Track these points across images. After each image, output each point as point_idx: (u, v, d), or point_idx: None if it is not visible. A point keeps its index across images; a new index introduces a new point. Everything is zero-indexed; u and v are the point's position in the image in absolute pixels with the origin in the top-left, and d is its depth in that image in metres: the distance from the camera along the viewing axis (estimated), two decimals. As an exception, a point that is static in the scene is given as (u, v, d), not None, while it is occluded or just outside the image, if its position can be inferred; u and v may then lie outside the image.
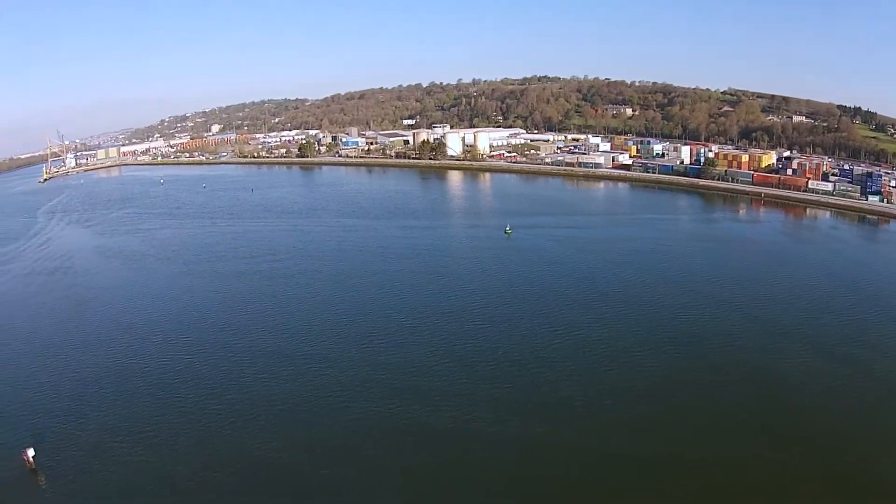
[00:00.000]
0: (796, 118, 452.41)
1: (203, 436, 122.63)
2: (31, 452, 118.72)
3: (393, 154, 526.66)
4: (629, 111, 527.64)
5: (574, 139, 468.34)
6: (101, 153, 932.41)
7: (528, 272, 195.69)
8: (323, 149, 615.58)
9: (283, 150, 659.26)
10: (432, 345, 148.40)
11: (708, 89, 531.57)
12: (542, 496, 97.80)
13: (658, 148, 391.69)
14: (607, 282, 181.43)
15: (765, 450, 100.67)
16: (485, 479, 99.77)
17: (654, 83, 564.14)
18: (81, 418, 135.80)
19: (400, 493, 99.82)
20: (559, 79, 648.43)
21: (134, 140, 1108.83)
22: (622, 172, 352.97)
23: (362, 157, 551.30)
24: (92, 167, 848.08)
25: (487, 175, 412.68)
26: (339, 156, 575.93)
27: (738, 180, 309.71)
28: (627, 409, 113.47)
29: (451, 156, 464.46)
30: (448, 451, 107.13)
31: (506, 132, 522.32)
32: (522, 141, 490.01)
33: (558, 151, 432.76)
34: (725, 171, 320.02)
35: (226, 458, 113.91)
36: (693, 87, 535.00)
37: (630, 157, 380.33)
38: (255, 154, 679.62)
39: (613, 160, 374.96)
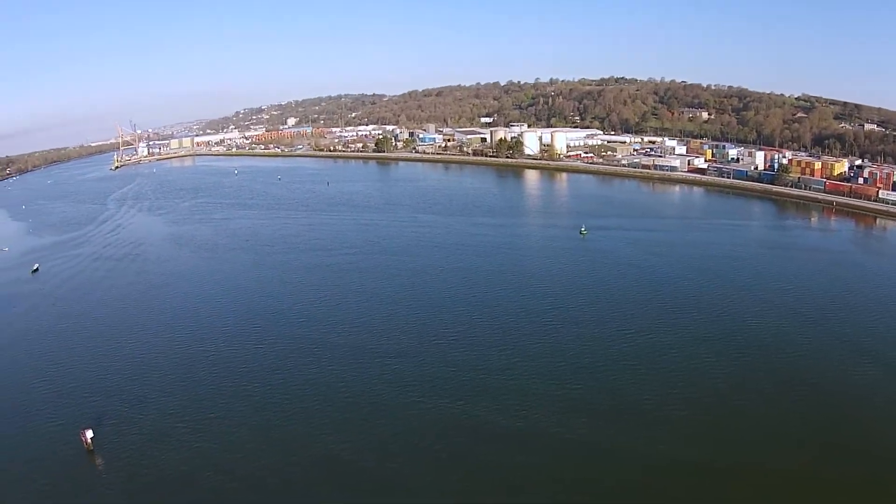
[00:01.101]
0: (868, 126, 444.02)
1: (266, 426, 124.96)
2: (89, 434, 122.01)
3: (470, 151, 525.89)
4: (705, 115, 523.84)
5: (650, 141, 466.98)
6: (174, 143, 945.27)
7: (602, 274, 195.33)
8: (400, 144, 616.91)
9: (360, 145, 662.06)
10: (504, 343, 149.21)
11: (782, 95, 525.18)
12: (603, 499, 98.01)
13: (733, 152, 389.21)
14: (679, 286, 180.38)
15: (823, 463, 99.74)
16: (547, 480, 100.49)
17: (730, 87, 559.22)
18: (143, 403, 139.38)
19: (461, 491, 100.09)
20: (636, 80, 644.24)
21: (208, 131, 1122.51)
22: (697, 176, 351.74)
23: (439, 153, 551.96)
24: (165, 156, 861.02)
25: (564, 175, 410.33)
26: (416, 152, 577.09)
27: (810, 188, 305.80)
28: (694, 414, 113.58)
29: (529, 155, 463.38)
30: (512, 450, 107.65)
31: (583, 133, 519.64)
32: (599, 142, 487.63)
33: (634, 153, 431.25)
34: (798, 178, 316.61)
35: (288, 449, 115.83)
36: (768, 91, 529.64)
37: (705, 161, 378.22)
38: (332, 148, 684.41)
39: (689, 164, 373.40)
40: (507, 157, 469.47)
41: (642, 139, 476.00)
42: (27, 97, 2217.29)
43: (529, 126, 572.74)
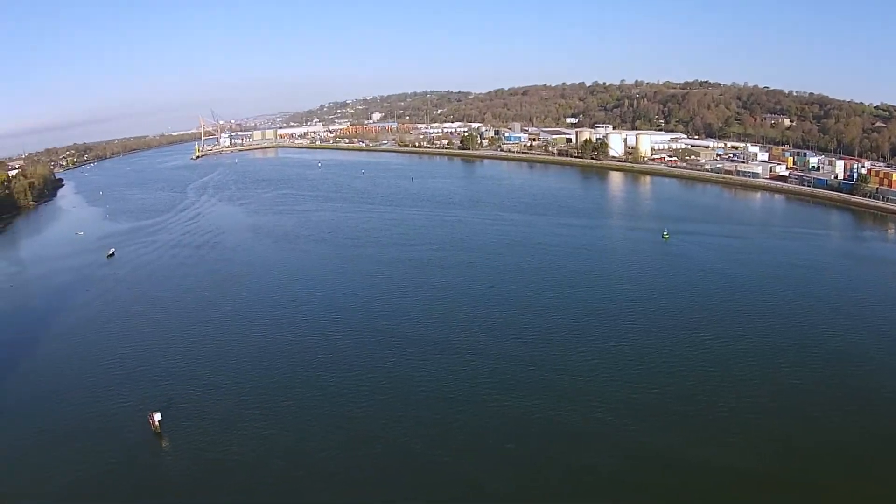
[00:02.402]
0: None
1: (339, 417, 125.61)
2: (157, 416, 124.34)
3: (555, 151, 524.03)
4: (786, 121, 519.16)
5: (733, 147, 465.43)
6: (256, 134, 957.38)
7: (682, 279, 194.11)
8: (485, 142, 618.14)
9: (445, 142, 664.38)
10: (583, 344, 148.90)
11: (861, 103, 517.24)
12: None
13: (813, 161, 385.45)
14: (757, 294, 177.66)
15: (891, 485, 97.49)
16: (616, 483, 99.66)
17: (811, 94, 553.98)
18: (214, 388, 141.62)
19: (533, 490, 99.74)
20: (720, 85, 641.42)
21: (292, 123, 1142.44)
22: (778, 184, 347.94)
23: (524, 152, 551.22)
24: (247, 147, 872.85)
25: (648, 178, 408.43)
26: (502, 150, 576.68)
27: (888, 199, 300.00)
28: (766, 424, 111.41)
29: (613, 156, 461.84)
30: (584, 452, 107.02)
31: (667, 136, 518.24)
32: (683, 146, 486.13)
33: (717, 158, 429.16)
34: (877, 188, 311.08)
35: (360, 441, 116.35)
36: (848, 99, 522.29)
37: (786, 168, 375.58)
38: (417, 144, 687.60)
39: (770, 170, 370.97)
40: (592, 158, 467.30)
41: (725, 144, 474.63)
42: (106, 85, 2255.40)
43: (614, 128, 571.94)
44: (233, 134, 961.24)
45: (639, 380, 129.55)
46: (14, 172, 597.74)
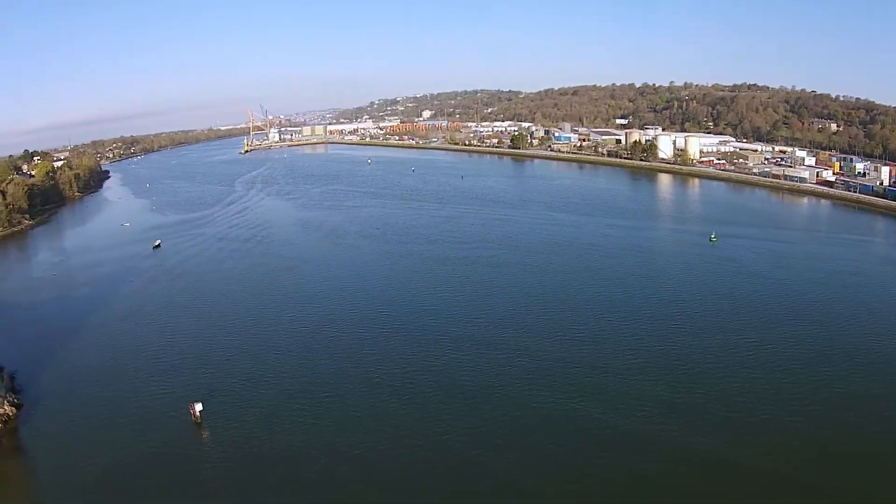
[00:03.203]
0: None
1: (382, 412, 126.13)
2: (198, 406, 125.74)
3: (605, 152, 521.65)
4: (833, 126, 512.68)
5: (781, 151, 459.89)
6: (306, 130, 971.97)
7: (728, 283, 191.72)
8: (535, 142, 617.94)
9: (495, 141, 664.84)
10: (628, 345, 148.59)
11: None
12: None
13: (860, 166, 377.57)
14: (802, 299, 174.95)
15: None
16: (652, 484, 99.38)
17: (857, 99, 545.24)
18: (257, 381, 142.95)
19: (573, 490, 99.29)
20: (768, 88, 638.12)
21: (342, 120, 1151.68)
22: (825, 189, 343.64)
23: (574, 152, 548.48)
24: (296, 143, 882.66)
25: (696, 181, 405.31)
26: (551, 150, 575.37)
27: None
28: (808, 431, 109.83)
29: (662, 158, 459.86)
30: (622, 453, 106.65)
31: (715, 139, 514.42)
32: (732, 149, 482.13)
33: (765, 162, 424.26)
34: None
35: (401, 437, 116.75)
36: (894, 105, 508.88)
37: (833, 173, 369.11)
38: (467, 142, 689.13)
39: (817, 175, 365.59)
40: (641, 160, 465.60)
41: (773, 148, 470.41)
42: (155, 79, 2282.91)
43: (663, 129, 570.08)
44: (282, 129, 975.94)
45: (682, 382, 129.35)
46: (59, 164, 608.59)
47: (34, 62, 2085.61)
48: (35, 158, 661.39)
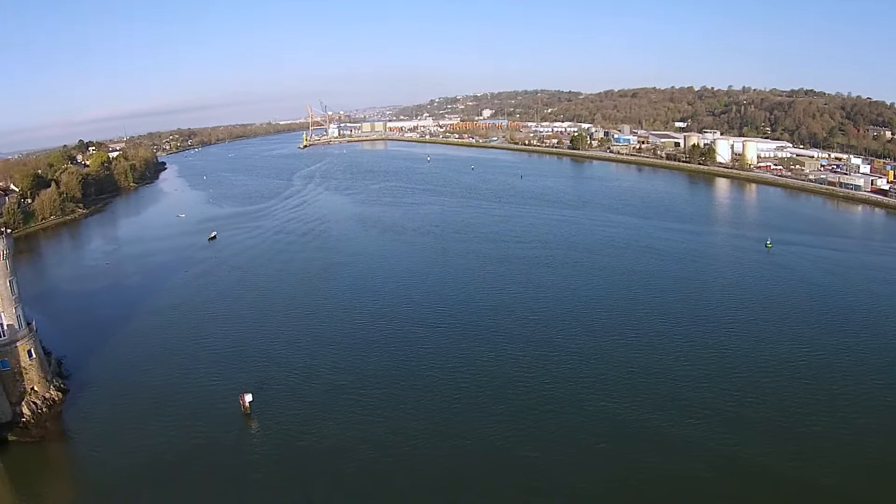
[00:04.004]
0: None
1: (432, 410, 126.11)
2: (248, 397, 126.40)
3: (663, 155, 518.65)
4: (888, 134, 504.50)
5: (836, 158, 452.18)
6: (365, 126, 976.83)
7: (784, 290, 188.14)
8: (594, 143, 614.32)
9: (555, 141, 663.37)
10: (681, 351, 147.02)
11: None
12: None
13: None
14: (858, 311, 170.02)
15: None
16: (694, 491, 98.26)
17: None
18: (308, 374, 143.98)
19: (608, 492, 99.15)
20: (824, 94, 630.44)
21: (402, 117, 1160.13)
22: (879, 197, 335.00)
23: (633, 154, 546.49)
24: (356, 139, 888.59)
25: (753, 186, 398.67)
26: (611, 151, 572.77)
27: None
28: (861, 443, 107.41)
29: (720, 162, 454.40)
30: (672, 459, 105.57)
31: (773, 144, 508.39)
32: (788, 154, 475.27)
33: (821, 169, 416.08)
34: None
35: (450, 436, 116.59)
36: None
37: (887, 182, 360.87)
38: (526, 142, 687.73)
39: (872, 183, 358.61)
40: (700, 164, 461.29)
41: (829, 155, 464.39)
42: (214, 73, 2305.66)
43: (722, 133, 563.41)
44: (341, 125, 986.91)
45: (734, 388, 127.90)
46: (115, 154, 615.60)
47: (90, 54, 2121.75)
48: (90, 149, 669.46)
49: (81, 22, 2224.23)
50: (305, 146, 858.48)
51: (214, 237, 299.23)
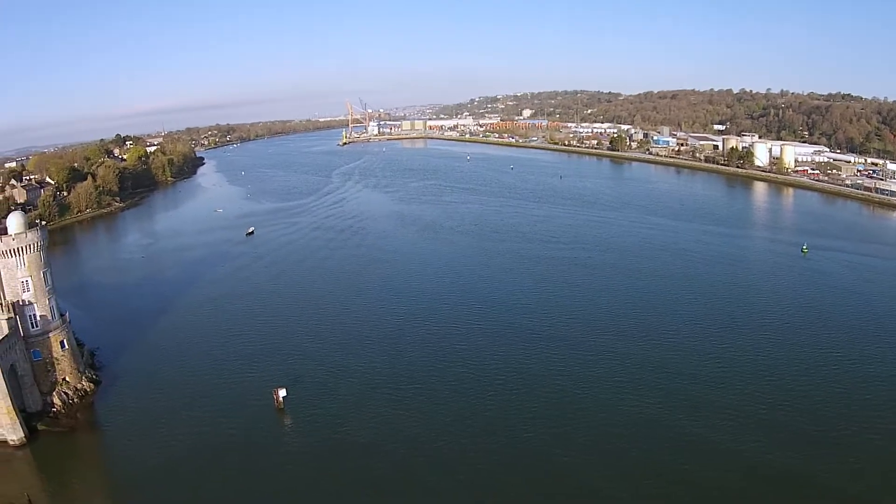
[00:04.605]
0: None
1: (465, 409, 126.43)
2: (282, 392, 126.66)
3: (702, 158, 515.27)
4: None
5: (873, 163, 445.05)
6: (405, 124, 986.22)
7: (819, 296, 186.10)
8: (634, 144, 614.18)
9: (595, 142, 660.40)
10: (717, 354, 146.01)
11: None
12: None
13: None
14: (892, 317, 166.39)
15: None
16: (725, 499, 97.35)
17: None
18: (342, 370, 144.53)
19: (638, 497, 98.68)
20: (861, 98, 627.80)
21: (442, 115, 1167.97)
22: None
23: (672, 157, 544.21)
24: (395, 137, 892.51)
25: (790, 190, 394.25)
26: (650, 153, 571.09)
27: None
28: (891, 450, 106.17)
29: (758, 166, 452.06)
30: (709, 466, 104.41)
31: (810, 148, 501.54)
32: (825, 159, 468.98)
33: (857, 174, 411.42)
34: None
35: (483, 435, 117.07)
36: None
37: None
38: (566, 142, 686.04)
39: None
40: (738, 167, 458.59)
41: (865, 160, 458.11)
42: (252, 68, 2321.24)
43: (760, 137, 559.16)
44: (381, 123, 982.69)
45: (767, 394, 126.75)
46: (153, 149, 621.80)
47: (127, 50, 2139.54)
48: (127, 143, 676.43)
49: (119, 18, 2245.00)
50: (345, 143, 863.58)
51: (252, 233, 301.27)
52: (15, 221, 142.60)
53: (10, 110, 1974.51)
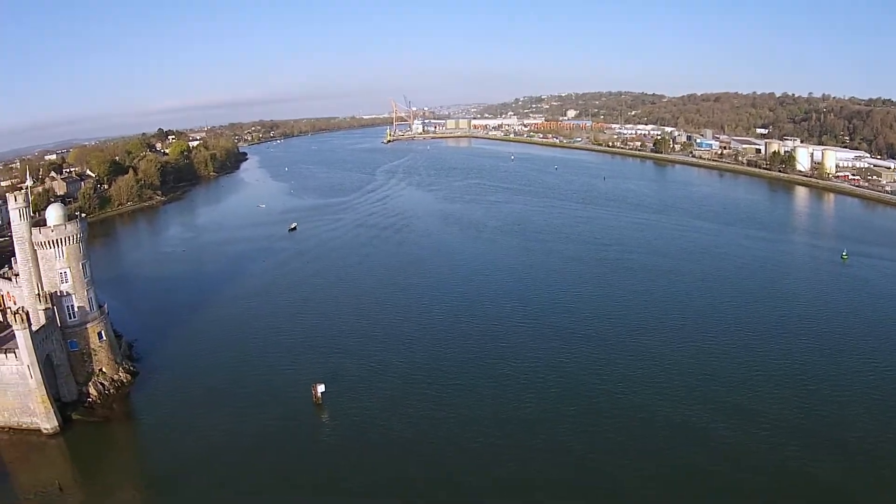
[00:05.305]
0: None
1: (504, 408, 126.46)
2: (321, 388, 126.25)
3: (744, 161, 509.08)
4: None
5: None
6: (450, 123, 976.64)
7: (858, 303, 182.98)
8: (677, 147, 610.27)
9: (638, 144, 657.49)
10: (753, 361, 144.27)
11: None
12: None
13: None
14: None
15: None
16: None
17: None
18: (383, 367, 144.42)
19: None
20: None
21: (486, 115, 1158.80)
22: None
23: (714, 160, 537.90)
24: (440, 135, 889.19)
25: (831, 195, 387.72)
26: (693, 156, 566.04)
27: None
28: None
29: (800, 171, 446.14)
30: (734, 469, 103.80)
31: (851, 153, 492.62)
32: (866, 165, 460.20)
33: None
34: None
35: (521, 434, 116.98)
36: None
37: None
38: (610, 143, 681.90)
39: None
40: (780, 171, 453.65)
41: None
42: (296, 65, 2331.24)
43: (802, 141, 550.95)
44: (425, 121, 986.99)
45: (803, 401, 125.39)
46: (195, 144, 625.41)
47: (171, 45, 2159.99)
48: (169, 137, 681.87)
49: (165, 12, 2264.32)
50: (389, 141, 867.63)
51: (295, 228, 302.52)
52: (54, 213, 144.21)
53: (52, 103, 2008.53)
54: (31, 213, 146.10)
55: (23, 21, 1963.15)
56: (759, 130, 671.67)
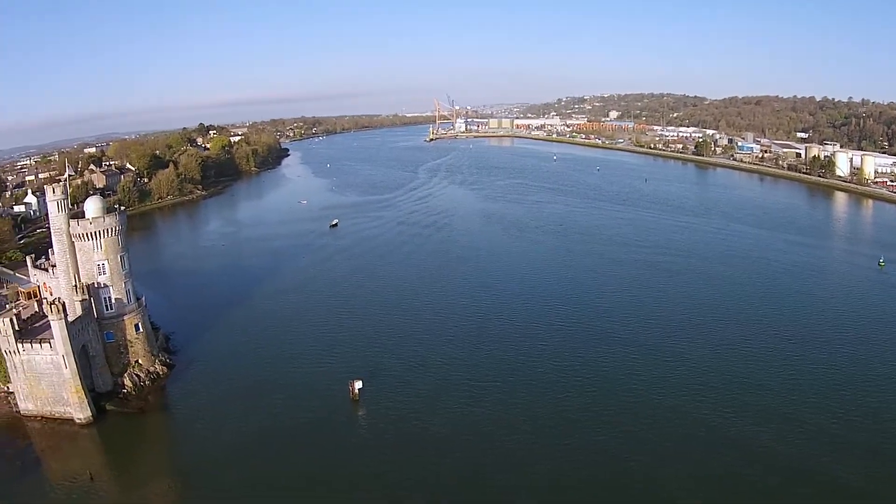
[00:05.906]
0: None
1: (542, 410, 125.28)
2: (358, 384, 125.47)
3: (784, 166, 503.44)
4: None
5: None
6: (492, 122, 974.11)
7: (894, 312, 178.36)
8: (718, 150, 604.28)
9: (680, 146, 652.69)
10: (792, 366, 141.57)
11: None
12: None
13: None
14: None
15: None
16: None
17: None
18: (421, 365, 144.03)
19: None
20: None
21: (529, 115, 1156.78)
22: None
23: (755, 163, 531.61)
24: (482, 134, 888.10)
25: (870, 202, 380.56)
26: (734, 159, 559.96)
27: None
28: None
29: (839, 176, 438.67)
30: (768, 475, 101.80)
31: (889, 159, 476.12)
32: None
33: None
34: None
35: (556, 434, 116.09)
36: None
37: None
38: (652, 145, 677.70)
39: None
40: (819, 176, 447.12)
41: None
42: (339, 62, 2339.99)
43: (841, 146, 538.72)
44: (468, 120, 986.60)
45: (839, 408, 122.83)
46: (237, 139, 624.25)
47: (214, 41, 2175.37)
48: (211, 132, 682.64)
49: (206, 6, 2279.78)
50: (432, 139, 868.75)
51: (336, 225, 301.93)
52: (92, 206, 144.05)
53: (92, 96, 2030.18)
54: (70, 206, 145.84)
55: (68, 13, 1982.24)
56: (799, 134, 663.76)
